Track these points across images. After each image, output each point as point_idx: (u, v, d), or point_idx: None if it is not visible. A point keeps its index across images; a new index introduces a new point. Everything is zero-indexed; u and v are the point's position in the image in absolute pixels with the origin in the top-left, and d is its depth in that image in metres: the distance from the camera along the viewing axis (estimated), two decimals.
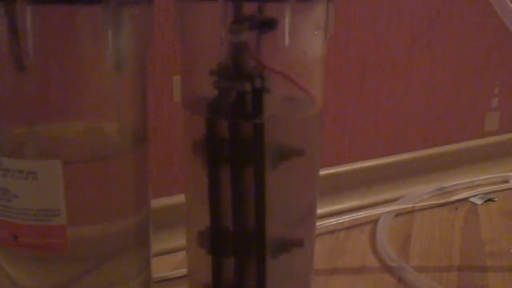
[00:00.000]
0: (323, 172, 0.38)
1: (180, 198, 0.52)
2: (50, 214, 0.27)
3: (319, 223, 0.46)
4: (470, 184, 0.69)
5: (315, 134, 0.36)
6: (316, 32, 0.33)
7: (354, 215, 0.60)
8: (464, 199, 0.66)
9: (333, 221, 0.58)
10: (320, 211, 0.40)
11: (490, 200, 0.66)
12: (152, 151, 0.50)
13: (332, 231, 0.58)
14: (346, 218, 0.59)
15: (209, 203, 0.35)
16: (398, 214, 0.62)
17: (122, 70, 0.29)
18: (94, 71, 0.28)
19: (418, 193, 0.66)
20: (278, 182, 0.35)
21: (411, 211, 0.63)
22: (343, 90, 0.61)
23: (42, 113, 0.29)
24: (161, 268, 0.49)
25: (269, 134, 0.33)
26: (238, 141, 0.33)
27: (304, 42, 0.33)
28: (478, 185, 0.70)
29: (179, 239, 0.52)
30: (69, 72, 0.28)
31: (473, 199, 0.66)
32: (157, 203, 0.51)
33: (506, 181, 0.71)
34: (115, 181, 0.30)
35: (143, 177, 0.32)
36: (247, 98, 0.32)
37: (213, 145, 0.34)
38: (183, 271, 0.48)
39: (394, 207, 0.62)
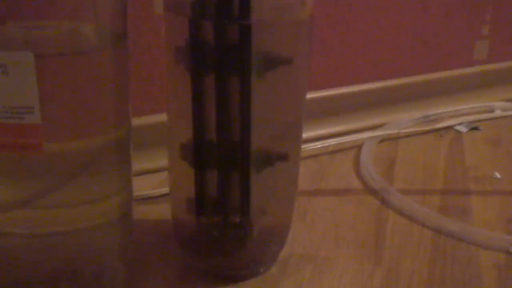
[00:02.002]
0: (308, 96, 0.36)
1: (160, 117, 0.51)
2: (23, 112, 0.25)
3: (302, 146, 0.45)
4: (455, 112, 0.69)
5: (304, 41, 0.34)
6: None
7: (338, 139, 0.59)
8: (450, 127, 0.66)
9: (317, 144, 0.57)
10: (304, 135, 0.39)
11: (475, 128, 0.66)
12: (132, 68, 0.48)
13: (316, 155, 0.57)
14: (330, 142, 0.59)
15: (192, 113, 0.34)
16: (383, 140, 0.61)
17: None
18: None
19: (403, 119, 0.65)
20: (264, 93, 0.33)
21: (396, 138, 0.62)
22: (331, 11, 0.59)
23: (15, 10, 0.27)
24: (141, 187, 0.48)
25: (256, 39, 0.31)
26: (224, 45, 0.31)
27: None
28: (464, 114, 0.69)
29: (159, 160, 0.51)
30: None
31: (458, 127, 0.66)
32: (137, 121, 0.50)
33: (492, 111, 0.70)
34: (92, 80, 0.28)
35: (123, 82, 0.31)
36: None
37: (197, 50, 0.32)
38: (164, 189, 0.47)
39: (379, 132, 0.61)
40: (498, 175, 0.54)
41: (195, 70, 0.33)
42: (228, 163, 0.35)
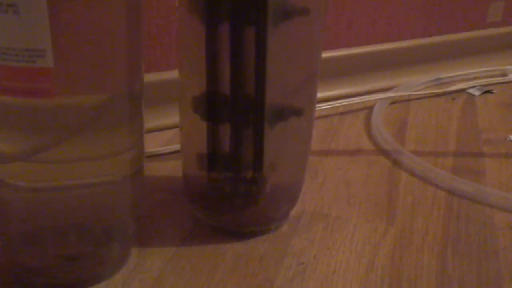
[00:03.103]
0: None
1: (171, 74, 0.50)
2: (35, 55, 0.24)
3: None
4: (468, 76, 0.68)
5: None
6: None
7: (348, 100, 0.58)
8: (462, 90, 0.65)
9: (328, 105, 0.57)
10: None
11: (488, 92, 0.65)
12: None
13: (326, 116, 0.56)
14: (341, 103, 0.58)
15: (205, 65, 0.33)
16: (394, 102, 0.61)
17: None
18: None
19: (415, 82, 0.64)
20: (279, 45, 0.32)
21: (407, 100, 0.61)
22: None
23: None
24: (151, 144, 0.47)
25: None
26: None
27: None
28: (476, 77, 0.68)
29: (169, 117, 0.50)
30: None
31: (470, 91, 0.65)
32: (148, 77, 0.49)
33: (505, 74, 0.69)
34: (105, 24, 0.27)
35: (136, 31, 0.30)
36: None
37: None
38: (175, 146, 0.46)
39: (390, 94, 0.60)
40: (511, 137, 0.54)
41: (210, 19, 0.32)
42: (241, 117, 0.34)
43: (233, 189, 0.36)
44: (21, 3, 0.23)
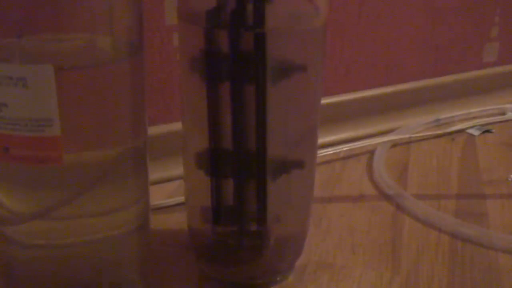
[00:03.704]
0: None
1: (174, 126, 0.51)
2: (43, 124, 0.25)
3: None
4: (467, 115, 0.69)
5: (318, 48, 0.34)
6: None
7: (350, 145, 0.59)
8: (462, 130, 0.65)
9: (329, 150, 0.57)
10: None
11: (487, 131, 0.66)
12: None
13: (328, 161, 0.57)
14: (342, 148, 0.58)
15: (208, 122, 0.34)
16: (395, 144, 0.61)
17: None
18: None
19: (415, 124, 0.65)
20: (279, 100, 0.33)
21: (408, 142, 0.62)
22: (341, 17, 0.59)
23: (31, 24, 0.27)
24: (157, 196, 0.48)
25: (270, 47, 0.31)
26: (238, 54, 0.31)
27: None
28: (475, 117, 0.69)
29: (173, 169, 0.51)
30: None
31: (470, 131, 0.65)
32: (151, 130, 0.50)
33: (503, 113, 0.70)
34: (110, 92, 0.28)
35: (140, 92, 0.31)
36: (248, 7, 0.30)
37: (212, 60, 0.32)
38: (180, 198, 0.47)
39: (391, 137, 0.61)
40: None
41: (210, 79, 0.33)
42: (244, 172, 0.34)
43: (237, 242, 0.36)
44: (30, 77, 0.25)
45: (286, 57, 0.32)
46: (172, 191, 0.50)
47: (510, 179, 0.54)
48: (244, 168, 0.34)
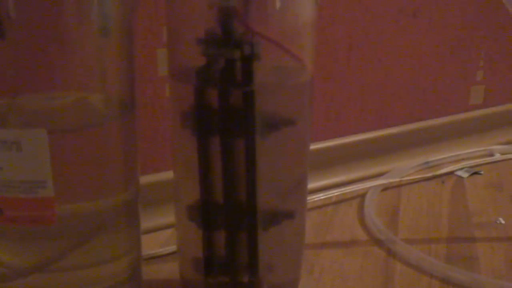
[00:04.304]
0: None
1: (166, 175, 0.51)
2: (37, 186, 0.26)
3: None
4: (455, 157, 0.70)
5: (306, 102, 0.35)
6: None
7: (341, 189, 0.59)
8: (451, 173, 0.66)
9: (321, 195, 0.58)
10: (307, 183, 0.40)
11: (476, 173, 0.66)
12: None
13: (320, 206, 0.58)
14: (333, 192, 0.59)
15: (199, 175, 0.35)
16: (385, 188, 0.62)
17: (108, 35, 0.28)
18: (79, 37, 0.27)
19: (405, 167, 0.66)
20: (268, 153, 0.34)
21: (398, 185, 0.63)
22: (330, 63, 0.61)
23: (25, 83, 0.28)
24: (149, 245, 0.48)
25: (259, 103, 0.32)
26: (228, 110, 0.32)
27: (295, 6, 0.32)
28: (464, 159, 0.70)
29: (165, 217, 0.51)
30: (53, 39, 0.27)
31: (459, 173, 0.66)
32: (143, 180, 0.50)
33: (492, 155, 0.71)
34: (102, 150, 0.29)
35: (132, 148, 0.32)
36: (237, 65, 0.31)
37: (202, 115, 0.33)
38: (172, 248, 0.47)
39: (381, 181, 0.62)
40: (502, 220, 0.55)
41: (200, 133, 0.34)
42: (235, 224, 0.35)
43: None
44: (24, 140, 0.25)
45: (274, 111, 0.33)
46: (165, 240, 0.50)
47: (498, 221, 0.54)
48: (235, 220, 0.35)
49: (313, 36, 0.34)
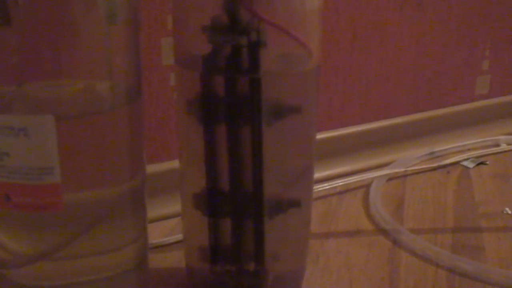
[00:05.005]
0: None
1: (172, 164, 0.51)
2: (44, 173, 0.26)
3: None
4: (461, 148, 0.69)
5: (312, 90, 0.35)
6: None
7: (346, 179, 0.59)
8: (456, 163, 0.66)
9: (325, 185, 0.58)
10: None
11: (482, 163, 0.66)
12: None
13: (324, 196, 0.58)
14: (338, 182, 0.59)
15: (205, 163, 0.34)
16: (391, 178, 0.62)
17: (115, 22, 0.28)
18: (85, 24, 0.27)
19: (410, 157, 0.65)
20: (274, 141, 0.34)
21: (403, 175, 0.63)
22: (334, 53, 0.60)
23: (31, 71, 0.28)
24: (155, 234, 0.48)
25: (265, 91, 0.32)
26: (234, 97, 0.32)
27: None
28: (470, 149, 0.69)
29: (170, 206, 0.51)
30: (59, 26, 0.26)
31: (465, 163, 0.66)
32: (149, 169, 0.50)
33: (497, 145, 0.71)
34: (109, 138, 0.29)
35: (138, 135, 0.31)
36: (243, 52, 0.31)
37: (208, 103, 0.33)
38: (177, 236, 0.47)
39: (386, 171, 0.62)
40: (508, 210, 0.54)
41: (207, 121, 0.33)
42: (241, 212, 0.35)
43: (236, 282, 0.37)
44: (31, 127, 0.25)
45: (280, 99, 0.33)
46: (171, 228, 0.50)
47: (505, 211, 0.54)
48: (241, 208, 0.35)
49: (319, 23, 0.34)
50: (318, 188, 0.57)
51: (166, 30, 0.49)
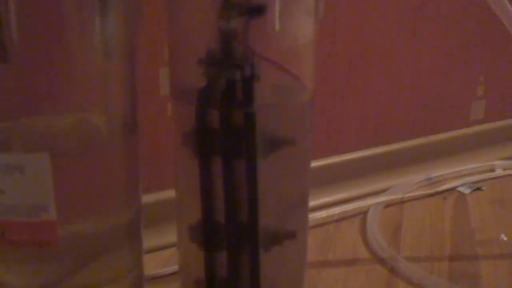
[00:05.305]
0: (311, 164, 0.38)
1: (168, 194, 0.51)
2: (39, 210, 0.26)
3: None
4: (457, 173, 0.69)
5: (307, 122, 0.35)
6: (306, 17, 0.32)
7: (343, 207, 0.59)
8: (452, 189, 0.66)
9: (322, 213, 0.58)
10: (309, 203, 0.40)
11: (478, 189, 0.66)
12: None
13: (322, 224, 0.58)
14: (335, 210, 0.59)
15: (200, 196, 0.34)
16: (388, 205, 0.62)
17: (111, 58, 0.28)
18: (82, 60, 0.27)
19: (407, 183, 0.66)
20: (269, 173, 0.34)
21: (400, 202, 0.63)
22: (330, 79, 0.61)
23: (28, 106, 0.28)
24: (151, 265, 0.48)
25: (260, 123, 0.32)
26: (229, 131, 0.32)
27: (294, 27, 0.32)
28: (466, 174, 0.70)
29: (167, 236, 0.51)
30: (56, 62, 0.27)
31: (461, 189, 0.66)
32: (145, 199, 0.50)
33: (493, 170, 0.71)
34: (104, 173, 0.29)
35: (134, 169, 0.32)
36: (237, 86, 0.31)
37: (203, 136, 0.33)
38: (174, 268, 0.47)
39: (383, 198, 0.62)
40: (504, 237, 0.54)
41: (202, 154, 0.34)
42: (237, 244, 0.35)
43: None
44: (27, 164, 0.25)
45: (275, 132, 0.33)
46: (167, 259, 0.50)
47: (501, 239, 0.54)
48: (237, 241, 0.35)
49: (313, 56, 0.34)
50: (315, 215, 0.57)
51: (163, 60, 0.49)
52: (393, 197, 0.62)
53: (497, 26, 0.59)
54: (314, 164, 0.60)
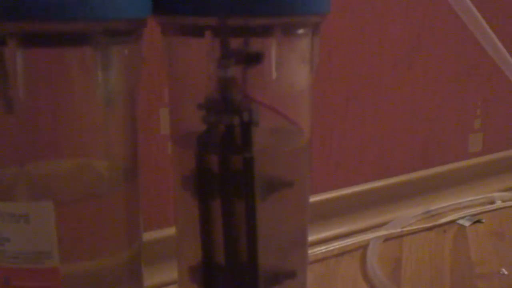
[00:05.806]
0: (310, 199, 0.38)
1: (169, 231, 0.52)
2: (43, 257, 0.27)
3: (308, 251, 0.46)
4: (456, 206, 0.70)
5: (304, 164, 0.36)
6: (302, 65, 0.33)
7: (343, 241, 0.60)
8: (452, 222, 0.66)
9: (322, 248, 0.58)
10: (308, 239, 0.40)
11: (478, 221, 0.67)
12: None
13: (322, 259, 0.58)
14: (335, 245, 0.59)
15: (200, 237, 0.35)
16: (387, 239, 0.62)
17: (112, 107, 0.29)
18: (84, 110, 0.28)
19: (406, 217, 0.66)
20: (268, 214, 0.35)
21: (399, 236, 0.63)
22: (328, 115, 0.62)
23: (32, 154, 0.29)
24: None
25: (258, 167, 0.33)
26: (228, 175, 0.33)
27: (290, 75, 0.33)
28: (465, 207, 0.70)
29: (168, 273, 0.52)
30: (59, 113, 0.28)
31: (460, 221, 0.67)
32: (146, 236, 0.51)
33: (493, 202, 0.72)
34: (106, 218, 0.30)
35: (135, 212, 0.32)
36: (236, 131, 0.32)
37: (203, 180, 0.34)
38: None
39: (382, 232, 0.62)
40: (505, 271, 0.55)
41: (202, 197, 0.34)
42: (238, 285, 0.35)
43: None
44: (32, 213, 0.26)
45: (274, 175, 0.34)
46: None
47: (502, 272, 0.55)
48: (237, 282, 0.35)
49: (309, 101, 0.35)
50: (315, 251, 0.57)
51: (164, 100, 0.50)
52: (392, 231, 0.63)
53: (492, 60, 0.61)
54: (313, 198, 0.61)
